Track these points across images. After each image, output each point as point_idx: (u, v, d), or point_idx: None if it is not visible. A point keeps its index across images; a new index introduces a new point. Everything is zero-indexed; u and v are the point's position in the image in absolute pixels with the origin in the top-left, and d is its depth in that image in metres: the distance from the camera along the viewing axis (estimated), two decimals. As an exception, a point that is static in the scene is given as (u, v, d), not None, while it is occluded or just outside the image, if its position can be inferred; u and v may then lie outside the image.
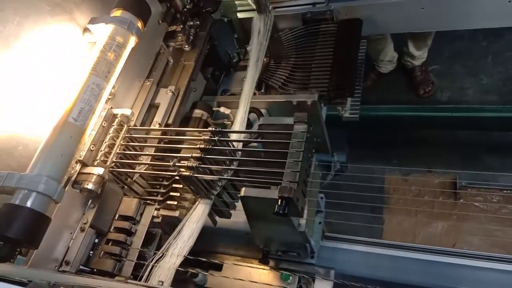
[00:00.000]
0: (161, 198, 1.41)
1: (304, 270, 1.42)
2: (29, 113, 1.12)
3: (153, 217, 1.38)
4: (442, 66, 3.00)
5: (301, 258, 1.43)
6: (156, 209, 1.39)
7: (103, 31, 1.18)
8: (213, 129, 1.23)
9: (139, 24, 1.24)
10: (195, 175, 1.17)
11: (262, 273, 1.49)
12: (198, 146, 1.21)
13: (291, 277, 1.42)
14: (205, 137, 1.21)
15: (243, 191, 1.12)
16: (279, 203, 1.02)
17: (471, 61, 2.94)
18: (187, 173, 1.17)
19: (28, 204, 0.91)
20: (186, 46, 1.60)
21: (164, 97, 1.50)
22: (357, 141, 2.86)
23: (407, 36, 2.76)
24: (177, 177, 1.21)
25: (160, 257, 1.21)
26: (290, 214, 1.03)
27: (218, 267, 1.53)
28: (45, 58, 1.16)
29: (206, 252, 1.57)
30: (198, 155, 1.19)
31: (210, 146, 1.21)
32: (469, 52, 2.95)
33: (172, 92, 1.50)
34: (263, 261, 1.43)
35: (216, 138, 1.21)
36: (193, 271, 1.43)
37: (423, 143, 2.79)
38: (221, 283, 1.49)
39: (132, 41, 1.22)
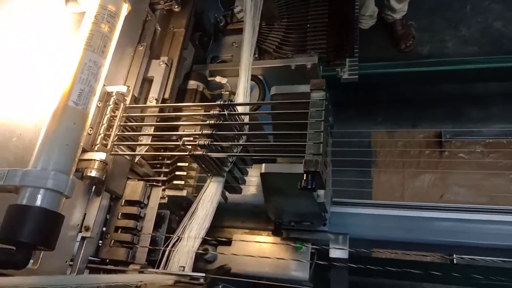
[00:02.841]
0: (165, 178, 1.33)
1: (318, 238, 1.40)
2: (18, 98, 0.99)
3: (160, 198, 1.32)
4: (421, 19, 2.97)
5: (314, 226, 1.41)
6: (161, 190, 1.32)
7: (91, -1, 1.04)
8: (221, 102, 1.14)
9: (131, -11, 1.10)
10: (208, 153, 1.09)
11: (272, 246, 1.46)
12: (207, 122, 1.12)
13: (303, 247, 1.41)
14: (215, 112, 1.13)
15: (263, 168, 1.06)
16: (304, 177, 0.97)
17: (451, 13, 2.92)
18: (200, 152, 1.09)
19: (38, 203, 0.82)
20: (176, 7, 1.47)
21: (158, 70, 1.38)
22: (341, 100, 2.83)
23: (389, -12, 2.69)
24: (188, 156, 1.12)
25: (176, 240, 1.15)
26: (317, 187, 0.99)
27: (228, 242, 1.50)
28: (26, 33, 1.02)
29: (213, 227, 1.53)
30: (209, 131, 1.11)
31: (220, 122, 1.12)
32: (448, 3, 2.93)
33: (165, 63, 1.38)
34: (276, 233, 1.41)
35: (226, 112, 1.13)
36: (202, 252, 1.39)
37: (407, 99, 2.80)
38: (232, 258, 1.45)
39: (125, 8, 1.09)
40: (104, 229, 1.19)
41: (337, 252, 1.38)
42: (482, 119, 2.58)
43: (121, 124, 1.21)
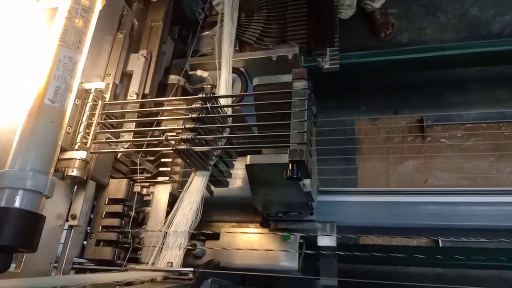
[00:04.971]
0: (149, 175, 1.31)
1: (306, 228, 1.41)
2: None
3: (144, 195, 1.30)
4: (399, 7, 2.99)
5: (301, 216, 1.41)
6: (146, 187, 1.30)
7: (63, -7, 1.01)
8: (203, 95, 1.13)
9: (104, -18, 1.07)
10: (192, 147, 1.08)
11: (260, 237, 1.46)
12: (190, 116, 1.11)
13: (291, 237, 1.41)
14: (197, 105, 1.11)
15: (248, 159, 1.05)
16: (290, 167, 0.97)
17: (427, 0, 2.95)
18: (184, 147, 1.07)
19: (17, 204, 0.79)
20: (154, -5, 1.45)
21: (137, 63, 1.35)
22: (324, 91, 2.84)
23: (367, -23, 2.70)
24: (172, 151, 1.11)
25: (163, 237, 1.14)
26: (302, 176, 0.99)
27: (216, 236, 1.49)
28: (-3, 31, 0.98)
29: (201, 222, 1.52)
30: (192, 125, 1.10)
31: (203, 115, 1.11)
32: (425, -10, 2.96)
33: (145, 56, 1.36)
34: (264, 224, 1.40)
35: (208, 105, 1.12)
36: (190, 247, 1.37)
37: (388, 86, 2.82)
38: (221, 252, 1.44)
39: (99, 3, 1.06)
40: (88, 229, 1.17)
41: (325, 240, 1.38)
42: (462, 103, 2.62)
43: (100, 121, 1.18)
